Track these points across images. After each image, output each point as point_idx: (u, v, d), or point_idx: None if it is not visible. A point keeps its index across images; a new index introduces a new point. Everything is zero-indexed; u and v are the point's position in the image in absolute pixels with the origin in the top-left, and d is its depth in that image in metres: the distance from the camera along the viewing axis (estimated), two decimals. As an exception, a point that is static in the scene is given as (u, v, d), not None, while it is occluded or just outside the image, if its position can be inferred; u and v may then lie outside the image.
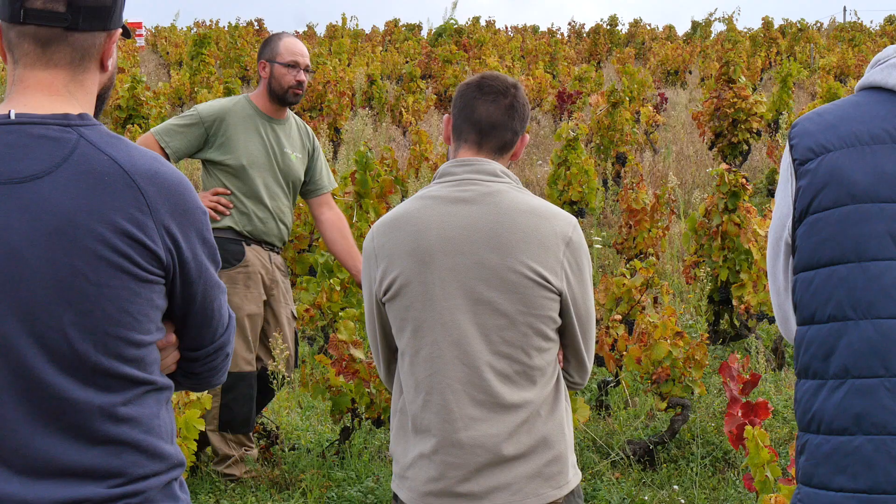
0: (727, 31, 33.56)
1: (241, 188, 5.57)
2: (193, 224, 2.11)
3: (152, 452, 2.08)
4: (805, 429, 2.13)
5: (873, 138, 2.09)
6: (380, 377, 3.29)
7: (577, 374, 3.15)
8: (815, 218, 2.12)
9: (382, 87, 21.26)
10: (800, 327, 2.17)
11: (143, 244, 2.02)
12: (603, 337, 6.60)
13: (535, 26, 41.05)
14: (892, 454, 2.01)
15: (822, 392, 2.09)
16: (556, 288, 2.92)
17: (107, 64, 2.19)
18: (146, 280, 2.04)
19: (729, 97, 13.96)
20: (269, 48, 5.73)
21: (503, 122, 3.05)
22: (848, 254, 2.07)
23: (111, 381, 2.02)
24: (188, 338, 2.22)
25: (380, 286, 2.99)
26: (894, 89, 2.12)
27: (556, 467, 2.96)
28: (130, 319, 2.03)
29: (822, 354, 2.10)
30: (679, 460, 6.10)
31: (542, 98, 21.49)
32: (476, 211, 2.94)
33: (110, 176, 2.01)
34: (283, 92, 5.67)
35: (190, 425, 5.06)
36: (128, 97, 15.37)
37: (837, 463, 2.06)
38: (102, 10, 2.10)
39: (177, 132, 5.52)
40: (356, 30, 37.35)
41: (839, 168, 2.10)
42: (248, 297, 5.61)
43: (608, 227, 12.63)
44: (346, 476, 5.78)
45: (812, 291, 2.12)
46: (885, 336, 2.02)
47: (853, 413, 2.04)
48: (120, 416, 2.03)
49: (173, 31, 35.13)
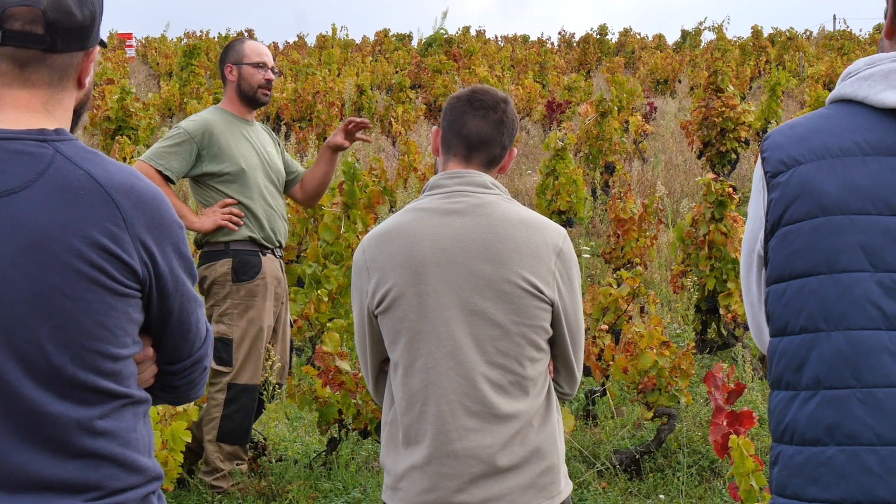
0: (717, 40, 33.65)
1: (243, 194, 5.58)
2: (169, 238, 2.12)
3: (129, 466, 2.09)
4: (778, 439, 2.15)
5: (843, 151, 2.11)
6: (368, 390, 3.28)
7: (567, 385, 3.17)
8: (787, 230, 2.13)
9: (372, 97, 21.29)
10: (772, 339, 2.18)
11: (118, 258, 2.03)
12: (590, 347, 6.61)
13: (525, 36, 41.11)
14: (864, 465, 2.02)
15: (795, 403, 2.11)
16: (549, 298, 2.94)
17: (84, 81, 2.19)
18: (122, 294, 2.05)
19: (717, 106, 14.00)
20: (233, 52, 5.76)
21: (492, 137, 3.07)
22: (819, 265, 2.09)
23: (88, 395, 2.03)
24: (166, 351, 2.23)
25: (372, 299, 2.99)
26: (864, 102, 2.14)
27: (549, 478, 2.97)
28: (107, 333, 2.04)
29: (794, 366, 2.11)
30: (666, 469, 6.11)
31: (532, 108, 21.54)
32: (468, 222, 2.95)
33: (86, 190, 2.02)
34: (254, 92, 5.71)
35: (176, 437, 5.07)
36: (117, 108, 15.35)
37: (810, 474, 2.07)
38: (81, 31, 2.11)
39: (170, 153, 5.49)
40: (346, 40, 37.37)
41: (810, 181, 2.11)
42: (265, 309, 5.65)
43: (597, 236, 12.65)
44: (333, 487, 5.78)
45: (784, 303, 2.13)
46: (856, 347, 2.04)
47: (825, 424, 2.06)
48: (97, 429, 2.04)
49: (163, 42, 35.15)
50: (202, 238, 5.62)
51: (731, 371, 4.41)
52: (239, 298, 5.59)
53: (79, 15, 2.08)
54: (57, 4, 2.05)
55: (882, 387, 2.02)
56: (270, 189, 5.72)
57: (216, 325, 5.62)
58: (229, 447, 5.69)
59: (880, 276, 2.04)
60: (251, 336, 5.62)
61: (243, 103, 5.74)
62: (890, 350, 2.02)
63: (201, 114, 5.73)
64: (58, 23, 2.06)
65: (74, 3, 2.07)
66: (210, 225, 5.50)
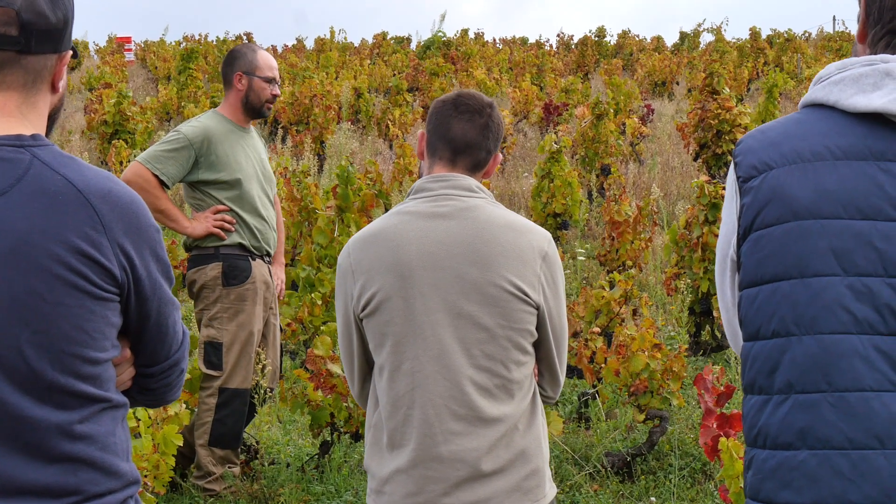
0: (715, 42, 33.67)
1: (238, 202, 5.59)
2: (147, 242, 2.13)
3: (108, 470, 2.09)
4: (752, 444, 2.16)
5: (814, 155, 2.12)
6: (352, 394, 3.28)
7: (551, 388, 3.19)
8: (759, 235, 2.14)
9: (369, 100, 21.31)
10: (745, 343, 2.19)
11: (97, 262, 2.04)
12: (582, 349, 6.62)
13: (523, 38, 41.11)
14: (836, 469, 2.03)
15: (768, 407, 2.12)
16: (535, 301, 2.95)
17: (58, 85, 2.20)
18: (101, 298, 2.06)
19: (713, 108, 14.01)
20: (245, 60, 5.72)
21: (478, 141, 3.08)
22: (791, 270, 2.10)
23: (68, 399, 2.04)
24: (143, 354, 2.24)
25: (358, 302, 2.99)
26: (835, 106, 2.15)
27: (534, 481, 2.97)
28: (86, 337, 2.05)
29: (766, 370, 2.12)
30: (657, 472, 6.13)
31: (529, 110, 21.54)
32: (454, 226, 2.96)
33: (64, 195, 2.02)
34: (261, 105, 5.71)
35: (168, 440, 5.07)
36: (113, 112, 15.37)
37: (783, 478, 2.08)
38: (54, 33, 2.12)
39: (167, 158, 5.48)
40: (344, 43, 37.43)
41: (781, 185, 2.12)
42: (255, 313, 5.66)
43: (593, 238, 12.66)
44: (326, 490, 5.80)
45: (756, 307, 2.14)
46: (828, 351, 2.05)
47: (797, 428, 2.07)
48: (76, 433, 2.04)
49: (162, 46, 35.16)
50: (192, 242, 5.62)
51: (721, 373, 4.43)
52: (229, 302, 5.60)
53: (52, 17, 2.09)
54: (31, 6, 2.06)
55: (853, 391, 2.03)
56: (264, 200, 5.73)
57: (206, 328, 5.63)
58: (221, 451, 5.70)
59: (851, 281, 2.05)
60: (241, 340, 5.63)
61: (245, 113, 5.74)
62: (861, 354, 2.03)
63: (201, 120, 5.69)
64: (32, 24, 2.06)
65: (48, 5, 2.08)
66: (202, 230, 5.51)
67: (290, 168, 10.99)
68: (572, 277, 10.64)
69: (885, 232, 2.06)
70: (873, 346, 2.03)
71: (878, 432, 2.02)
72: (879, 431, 2.02)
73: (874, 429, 2.02)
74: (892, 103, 2.08)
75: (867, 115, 2.12)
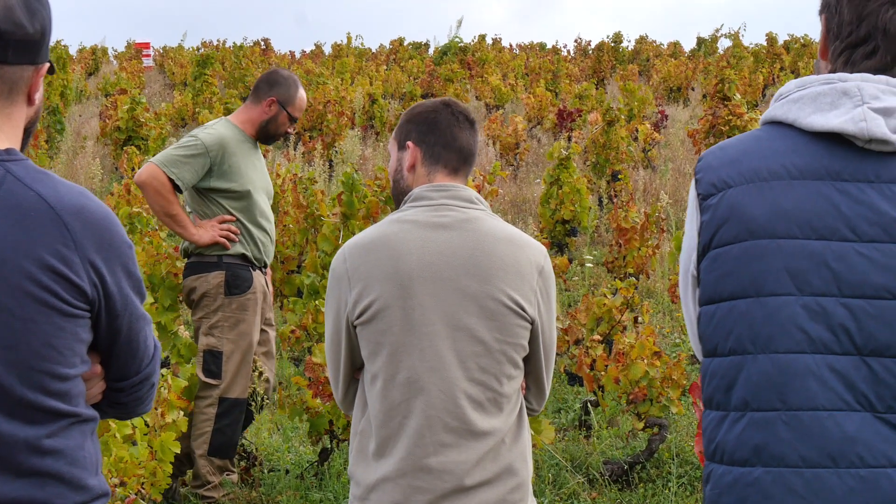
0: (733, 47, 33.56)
1: (245, 213, 5.63)
2: (119, 258, 2.15)
3: (76, 484, 2.12)
4: (710, 458, 2.18)
5: (772, 174, 2.13)
6: (336, 400, 3.27)
7: (536, 401, 3.21)
8: (717, 253, 2.16)
9: (384, 106, 21.34)
10: (704, 359, 2.21)
11: (68, 279, 2.06)
12: (582, 357, 6.63)
13: (542, 44, 41.08)
14: (790, 487, 2.05)
15: (725, 423, 2.13)
16: (530, 316, 2.96)
17: (34, 98, 2.22)
18: (71, 315, 2.08)
19: (724, 115, 13.98)
20: (285, 90, 5.75)
21: (475, 151, 3.13)
22: (747, 289, 2.11)
23: (36, 414, 2.06)
24: (114, 369, 2.26)
25: (353, 309, 2.97)
26: (794, 124, 2.16)
27: (519, 494, 2.98)
28: (55, 353, 2.07)
29: (724, 386, 2.14)
30: (657, 480, 6.13)
31: (543, 116, 21.54)
32: (455, 237, 2.96)
33: (36, 212, 2.05)
34: (275, 135, 5.79)
35: (165, 448, 5.11)
36: (127, 118, 15.44)
37: (738, 493, 2.10)
38: (31, 45, 2.13)
39: (183, 163, 5.49)
40: (361, 48, 37.48)
41: (738, 204, 2.14)
42: (255, 323, 5.69)
43: (602, 245, 12.66)
44: (324, 497, 5.82)
45: (714, 325, 2.16)
46: (783, 370, 2.06)
47: (752, 445, 2.08)
48: (44, 448, 2.07)
49: (180, 52, 35.28)
50: (193, 248, 5.64)
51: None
52: (230, 311, 5.63)
53: (30, 28, 2.10)
54: (7, 16, 2.07)
55: (807, 410, 2.05)
56: (268, 213, 5.77)
57: (205, 337, 5.65)
58: (220, 461, 5.73)
59: (806, 300, 2.07)
60: (241, 349, 5.65)
61: (258, 134, 5.78)
62: (815, 373, 2.05)
63: (217, 127, 5.68)
64: (8, 34, 2.08)
65: (25, 15, 2.09)
66: (207, 239, 5.53)
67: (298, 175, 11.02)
68: (580, 284, 10.65)
69: (839, 252, 2.07)
70: (827, 366, 2.05)
71: (831, 451, 2.03)
72: (832, 450, 2.03)
73: (827, 448, 2.04)
74: (849, 123, 2.09)
75: (825, 134, 2.13)
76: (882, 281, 2.05)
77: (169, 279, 7.23)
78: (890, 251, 2.05)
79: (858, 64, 2.18)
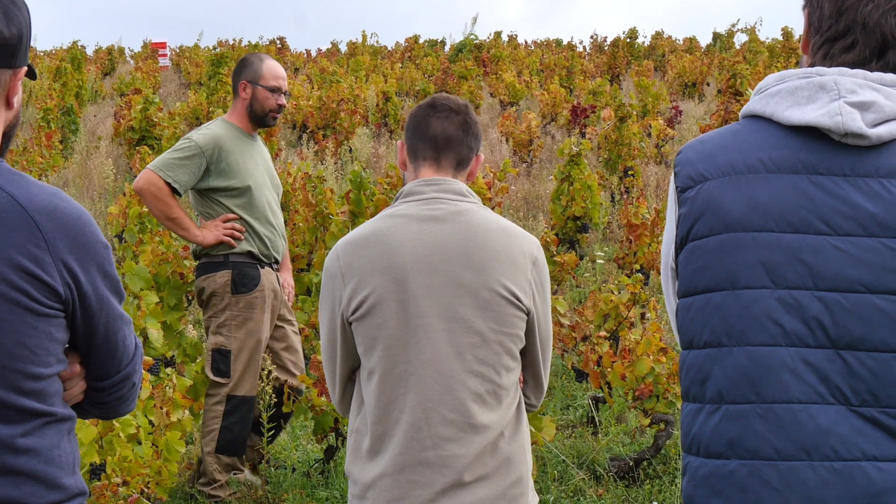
0: (749, 42, 33.41)
1: (248, 210, 5.63)
2: (93, 258, 2.16)
3: (51, 483, 2.12)
4: (686, 451, 2.17)
5: (748, 168, 2.13)
6: (332, 399, 3.26)
7: (534, 396, 3.20)
8: (693, 246, 2.16)
9: (398, 103, 21.34)
10: (682, 351, 2.21)
11: (39, 279, 2.07)
12: (588, 353, 6.62)
13: (558, 40, 40.97)
14: (764, 479, 2.04)
15: (700, 416, 2.13)
16: (525, 306, 2.95)
17: (12, 101, 2.22)
18: (44, 314, 2.09)
19: (736, 110, 13.95)
20: (250, 69, 5.75)
21: (458, 136, 3.09)
22: (722, 282, 2.11)
23: (10, 414, 2.07)
24: (93, 368, 2.27)
25: (348, 305, 2.96)
26: (772, 118, 2.16)
27: (519, 489, 2.97)
28: (28, 353, 2.08)
29: (699, 379, 2.14)
30: (663, 476, 6.11)
31: (557, 112, 21.49)
32: (448, 229, 2.95)
33: (8, 213, 2.06)
34: (264, 115, 5.74)
35: (171, 447, 5.12)
36: (140, 118, 15.49)
37: (714, 486, 2.10)
38: (8, 48, 2.13)
39: (179, 166, 5.50)
40: (377, 46, 37.48)
41: (715, 197, 2.13)
42: (263, 321, 5.69)
43: (614, 241, 12.63)
44: (330, 495, 5.82)
45: (690, 317, 2.16)
46: (757, 363, 2.06)
47: (727, 438, 2.08)
48: (19, 447, 2.08)
49: (196, 51, 35.33)
50: (201, 250, 5.66)
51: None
52: (238, 310, 5.64)
53: (6, 31, 2.10)
54: None
55: (781, 402, 2.04)
56: (274, 207, 5.77)
57: (214, 336, 5.67)
58: (227, 458, 5.74)
59: (780, 294, 2.06)
60: (249, 347, 5.66)
61: (251, 122, 5.77)
62: (789, 366, 2.04)
63: (211, 127, 5.71)
64: None
65: (2, 20, 2.09)
66: (212, 239, 5.54)
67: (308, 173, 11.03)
68: (591, 280, 10.63)
69: (814, 246, 2.06)
70: (801, 359, 2.04)
71: (805, 444, 2.03)
72: (806, 443, 2.03)
73: (801, 440, 2.03)
74: (825, 117, 2.08)
75: (801, 128, 2.13)
76: (856, 275, 2.04)
77: (174, 279, 7.25)
78: (864, 245, 2.05)
79: (837, 57, 2.18)
